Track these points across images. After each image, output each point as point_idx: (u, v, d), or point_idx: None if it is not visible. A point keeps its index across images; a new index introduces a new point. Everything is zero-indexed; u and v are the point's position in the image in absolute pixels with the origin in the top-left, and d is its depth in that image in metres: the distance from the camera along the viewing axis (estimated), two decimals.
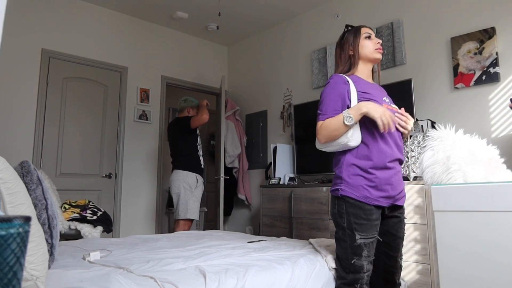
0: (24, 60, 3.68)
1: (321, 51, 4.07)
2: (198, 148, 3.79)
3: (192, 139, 3.76)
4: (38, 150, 3.69)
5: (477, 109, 2.91)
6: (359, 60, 1.77)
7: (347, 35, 1.81)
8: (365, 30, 1.80)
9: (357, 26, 1.83)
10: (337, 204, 1.65)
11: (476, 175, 1.20)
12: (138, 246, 2.12)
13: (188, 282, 1.33)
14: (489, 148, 1.31)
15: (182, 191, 3.56)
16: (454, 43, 3.05)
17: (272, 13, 4.39)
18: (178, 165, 3.67)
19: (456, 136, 1.33)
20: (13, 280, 0.46)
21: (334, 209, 1.67)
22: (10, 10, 3.55)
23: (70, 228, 2.91)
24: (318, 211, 3.29)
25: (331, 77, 1.74)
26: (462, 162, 1.23)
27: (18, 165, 1.45)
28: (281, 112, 4.45)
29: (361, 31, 1.79)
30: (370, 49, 1.76)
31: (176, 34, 4.84)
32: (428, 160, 1.32)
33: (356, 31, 1.80)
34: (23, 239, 0.48)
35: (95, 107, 4.12)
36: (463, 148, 1.27)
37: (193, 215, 3.56)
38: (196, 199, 3.62)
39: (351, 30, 1.83)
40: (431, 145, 1.35)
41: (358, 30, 1.80)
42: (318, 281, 1.68)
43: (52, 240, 1.39)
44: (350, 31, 1.82)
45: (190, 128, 3.67)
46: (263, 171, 4.49)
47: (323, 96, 1.71)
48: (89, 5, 4.14)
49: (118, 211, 4.12)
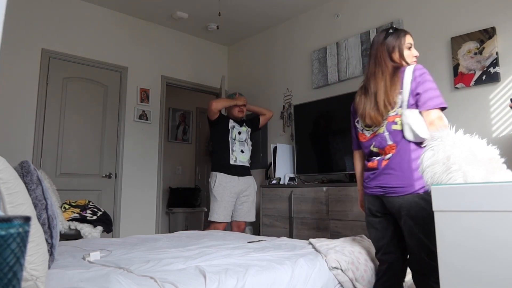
0: (24, 60, 3.68)
1: (321, 51, 4.06)
2: (225, 145, 3.48)
3: (216, 134, 3.56)
4: (38, 150, 3.69)
5: (477, 109, 2.91)
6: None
7: (402, 38, 1.82)
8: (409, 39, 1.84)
9: (403, 31, 1.86)
10: (426, 202, 1.60)
11: (476, 175, 1.19)
12: (138, 246, 2.12)
13: (188, 282, 1.33)
14: (489, 148, 1.31)
15: (210, 193, 3.48)
16: (454, 43, 3.05)
17: (272, 13, 4.39)
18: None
19: (456, 136, 1.32)
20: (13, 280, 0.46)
21: (424, 211, 1.61)
22: (10, 10, 3.54)
23: (70, 228, 2.91)
24: (318, 211, 3.29)
25: (418, 66, 1.74)
26: (462, 162, 1.23)
27: (18, 165, 1.45)
28: (281, 112, 4.45)
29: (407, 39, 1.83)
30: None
31: (176, 34, 4.84)
32: (428, 160, 1.32)
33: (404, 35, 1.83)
34: (23, 239, 0.48)
35: (95, 107, 4.12)
36: (463, 148, 1.27)
37: (212, 216, 3.39)
38: (215, 200, 3.41)
39: (401, 33, 1.84)
40: (431, 145, 1.35)
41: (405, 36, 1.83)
42: (318, 281, 1.68)
43: (52, 240, 1.39)
44: (401, 34, 1.84)
45: (209, 120, 3.54)
46: (263, 171, 4.49)
47: (429, 82, 1.70)
48: (89, 5, 4.14)
49: (118, 211, 4.12)
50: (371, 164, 1.83)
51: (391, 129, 1.74)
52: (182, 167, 6.20)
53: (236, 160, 3.51)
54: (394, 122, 1.73)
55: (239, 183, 3.50)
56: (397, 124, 1.73)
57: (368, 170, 1.85)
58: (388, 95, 1.73)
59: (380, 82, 1.77)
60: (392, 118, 1.74)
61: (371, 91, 1.80)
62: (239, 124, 3.64)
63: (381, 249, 1.85)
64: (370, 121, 1.79)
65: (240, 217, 3.55)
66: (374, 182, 1.78)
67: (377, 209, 1.82)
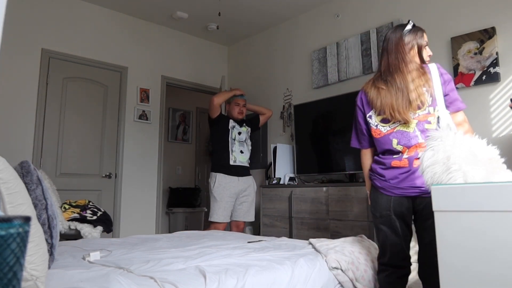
0: (24, 60, 3.68)
1: (321, 51, 4.06)
2: (224, 145, 3.49)
3: (216, 134, 3.57)
4: (38, 150, 3.69)
5: (477, 109, 2.91)
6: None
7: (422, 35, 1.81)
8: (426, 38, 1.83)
9: (421, 29, 1.84)
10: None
11: (476, 175, 1.19)
12: (138, 246, 2.12)
13: (188, 282, 1.33)
14: (489, 148, 1.31)
15: (210, 193, 3.48)
16: (454, 43, 3.05)
17: (272, 13, 4.39)
18: None
19: (456, 136, 1.32)
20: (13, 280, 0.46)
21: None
22: (10, 10, 3.54)
23: (70, 228, 2.91)
24: (318, 211, 3.29)
25: (439, 65, 1.75)
26: (462, 162, 1.23)
27: (18, 165, 1.45)
28: (281, 112, 4.45)
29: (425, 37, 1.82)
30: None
31: (176, 34, 4.84)
32: (428, 160, 1.32)
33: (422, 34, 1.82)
34: (23, 239, 0.48)
35: (95, 107, 4.12)
36: (463, 148, 1.27)
37: (212, 217, 3.42)
38: (215, 200, 3.42)
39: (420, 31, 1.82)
40: (431, 145, 1.35)
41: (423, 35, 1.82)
42: (318, 281, 1.68)
43: (52, 240, 1.39)
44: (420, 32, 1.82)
45: (210, 118, 3.55)
46: (263, 171, 4.49)
47: (453, 83, 1.74)
48: (89, 5, 4.14)
49: (118, 211, 4.12)
50: (398, 163, 1.70)
51: (423, 128, 1.67)
52: (182, 167, 6.20)
53: (236, 160, 3.52)
54: (428, 121, 1.68)
55: (238, 183, 3.51)
56: (431, 123, 1.67)
57: (392, 168, 1.72)
58: (419, 92, 1.67)
59: (407, 77, 1.71)
60: (425, 117, 1.68)
61: (397, 86, 1.71)
62: (239, 124, 3.65)
63: (398, 254, 1.75)
64: (397, 117, 1.69)
65: (239, 217, 3.55)
66: (406, 182, 1.68)
67: (404, 210, 1.71)
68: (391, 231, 1.75)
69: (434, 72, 1.71)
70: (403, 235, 1.75)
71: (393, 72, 1.74)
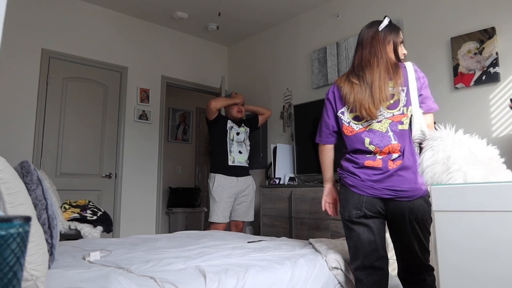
0: (24, 60, 3.68)
1: (321, 51, 4.06)
2: (223, 145, 3.49)
3: (215, 134, 3.58)
4: (38, 150, 3.69)
5: (477, 109, 2.91)
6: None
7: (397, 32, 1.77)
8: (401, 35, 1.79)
9: (396, 26, 1.79)
10: (428, 204, 1.60)
11: (476, 175, 1.19)
12: (138, 246, 2.12)
13: (188, 282, 1.33)
14: (489, 148, 1.31)
15: (209, 194, 3.49)
16: (454, 43, 3.05)
17: (272, 13, 4.39)
18: None
19: (456, 136, 1.32)
20: (13, 280, 0.46)
21: (427, 213, 1.61)
22: (10, 11, 3.54)
23: (70, 228, 2.91)
24: (318, 211, 3.29)
25: (415, 65, 1.73)
26: (462, 162, 1.23)
27: (18, 165, 1.45)
28: (281, 112, 4.45)
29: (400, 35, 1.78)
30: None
31: (176, 34, 4.84)
32: (428, 160, 1.32)
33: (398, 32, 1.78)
34: (23, 239, 0.48)
35: (95, 107, 4.12)
36: (463, 148, 1.27)
37: (212, 217, 3.43)
38: (214, 201, 3.44)
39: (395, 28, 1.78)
40: (431, 145, 1.35)
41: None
42: (318, 281, 1.68)
43: (52, 240, 1.39)
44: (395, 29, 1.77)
45: (208, 120, 3.55)
46: (263, 171, 4.49)
47: (427, 84, 1.73)
48: (89, 5, 4.14)
49: (118, 211, 4.12)
50: (372, 163, 1.65)
51: (396, 129, 1.63)
52: (182, 167, 6.20)
53: (234, 160, 3.53)
54: (401, 122, 1.64)
55: (237, 183, 3.52)
56: (403, 124, 1.64)
57: (366, 168, 1.67)
58: (384, 89, 1.62)
59: (375, 73, 1.65)
60: (399, 117, 1.64)
61: (366, 81, 1.67)
62: (238, 125, 3.65)
63: (372, 254, 1.66)
64: (363, 113, 1.64)
65: (238, 217, 3.55)
66: (382, 184, 1.63)
67: (375, 210, 1.65)
68: (364, 229, 1.67)
69: (410, 71, 1.69)
70: (377, 233, 1.68)
71: (365, 67, 1.70)
